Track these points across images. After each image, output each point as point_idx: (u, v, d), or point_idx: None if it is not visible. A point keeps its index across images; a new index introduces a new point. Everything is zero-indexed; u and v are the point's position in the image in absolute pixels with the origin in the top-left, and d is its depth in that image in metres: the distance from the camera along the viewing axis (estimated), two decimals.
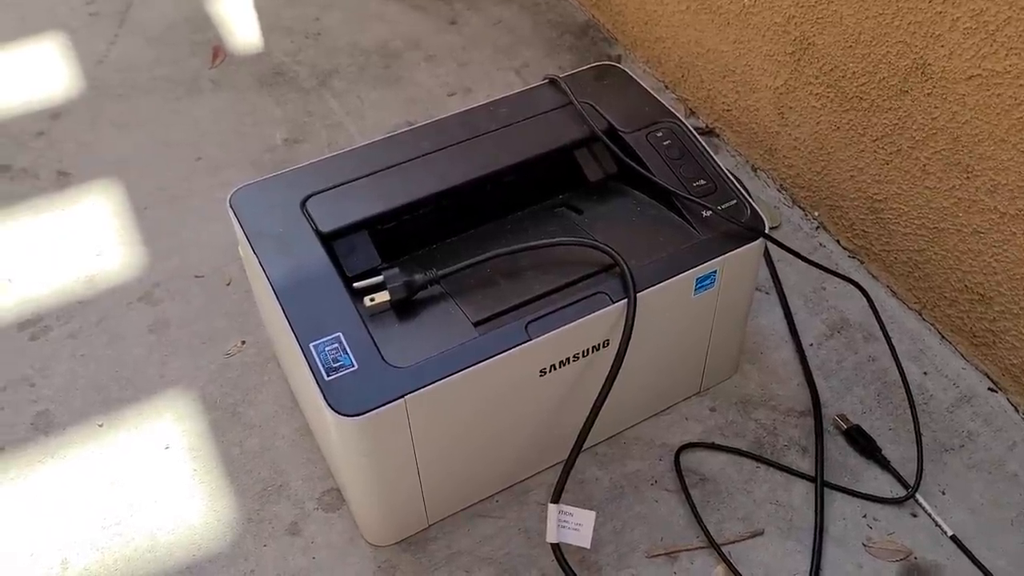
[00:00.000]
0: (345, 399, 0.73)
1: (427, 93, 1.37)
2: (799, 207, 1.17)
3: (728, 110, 1.24)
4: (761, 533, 0.87)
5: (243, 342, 1.04)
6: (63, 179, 1.24)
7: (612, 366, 0.79)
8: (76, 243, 1.16)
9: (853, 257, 1.11)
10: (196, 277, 1.11)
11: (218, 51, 1.45)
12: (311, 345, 0.75)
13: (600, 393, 0.79)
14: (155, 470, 0.93)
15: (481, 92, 1.37)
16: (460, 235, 0.89)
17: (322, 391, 0.73)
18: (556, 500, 0.80)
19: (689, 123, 1.25)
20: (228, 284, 1.10)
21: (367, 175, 0.87)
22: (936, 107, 0.91)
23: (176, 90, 1.38)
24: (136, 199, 1.21)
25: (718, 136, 1.28)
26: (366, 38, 1.47)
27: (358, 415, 0.72)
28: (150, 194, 1.22)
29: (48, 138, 1.31)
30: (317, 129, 1.31)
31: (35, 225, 1.18)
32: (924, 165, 0.95)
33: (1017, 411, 0.95)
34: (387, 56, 1.44)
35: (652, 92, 0.95)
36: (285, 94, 1.37)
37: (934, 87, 0.90)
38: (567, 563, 0.81)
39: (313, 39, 1.47)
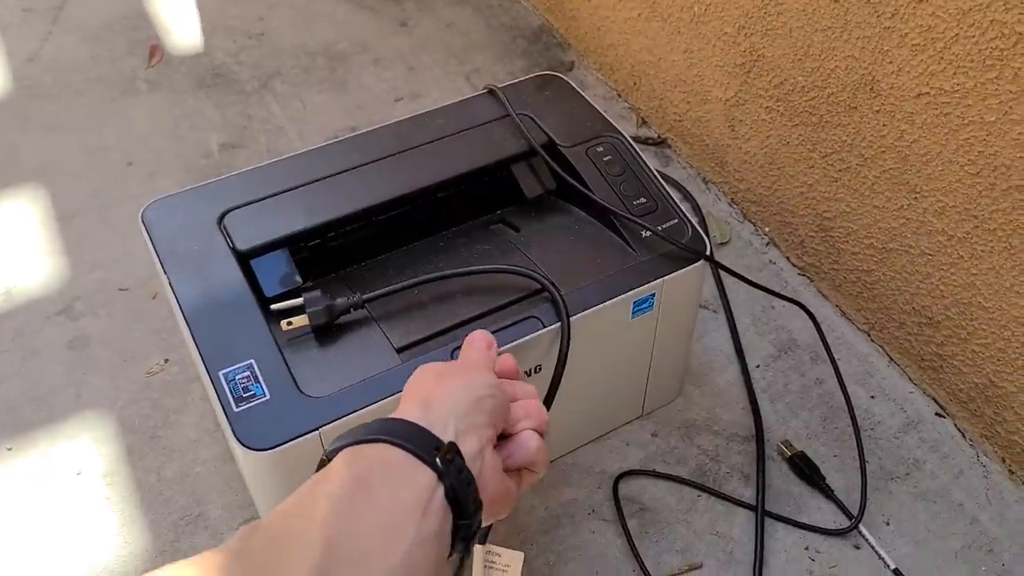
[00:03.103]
0: (254, 431, 0.68)
1: (373, 98, 1.33)
2: (750, 222, 1.14)
3: (680, 120, 1.21)
4: (700, 566, 0.83)
5: (166, 360, 0.99)
6: None
7: (547, 393, 0.75)
8: None
9: (803, 275, 1.08)
10: (120, 290, 1.06)
11: (155, 50, 1.39)
12: (220, 373, 0.70)
13: None
14: (66, 497, 0.88)
15: (429, 97, 1.33)
16: (390, 252, 0.85)
17: (230, 422, 0.68)
18: (483, 541, 0.76)
19: (641, 133, 1.22)
20: (153, 298, 1.05)
21: (291, 188, 0.83)
22: (884, 125, 0.88)
23: (110, 91, 1.32)
24: (61, 206, 1.16)
25: (670, 147, 1.25)
26: (312, 39, 1.42)
27: (268, 449, 0.68)
28: (77, 201, 1.16)
29: None
30: (256, 134, 1.26)
31: None
32: (872, 184, 0.92)
33: (964, 437, 0.93)
34: (333, 58, 1.39)
35: (595, 105, 0.92)
36: (224, 96, 1.32)
37: (883, 104, 0.87)
38: None
39: (256, 39, 1.42)
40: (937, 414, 0.95)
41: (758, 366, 0.99)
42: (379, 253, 0.85)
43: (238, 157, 1.23)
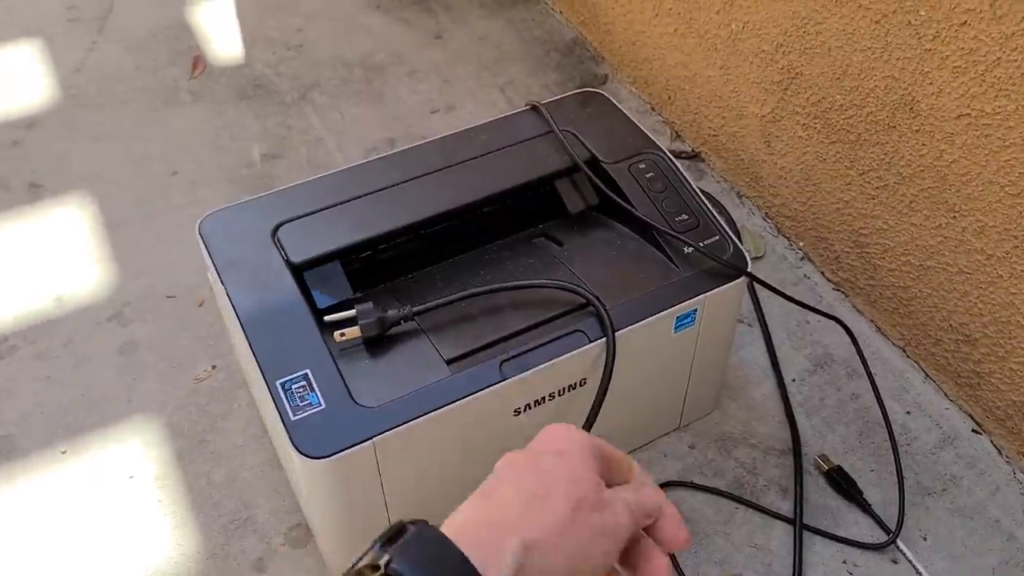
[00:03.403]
0: (311, 440, 0.70)
1: (409, 110, 1.35)
2: (784, 236, 1.16)
3: (714, 135, 1.22)
4: None
5: (213, 367, 1.01)
6: (35, 191, 1.22)
7: (592, 407, 0.77)
8: (46, 259, 1.13)
9: (838, 290, 1.09)
10: (168, 297, 1.08)
11: (198, 61, 1.42)
12: (278, 383, 0.72)
13: None
14: (119, 500, 0.90)
15: (464, 110, 1.35)
16: (436, 265, 0.87)
17: (288, 431, 0.70)
18: None
19: (674, 147, 1.24)
20: (200, 305, 1.07)
21: (341, 203, 0.85)
22: (923, 144, 0.89)
23: (154, 101, 1.35)
24: (109, 214, 1.18)
25: (704, 161, 1.26)
26: (349, 51, 1.45)
27: (325, 457, 0.70)
28: (123, 209, 1.19)
29: (22, 148, 1.28)
30: (296, 144, 1.29)
31: (4, 238, 1.15)
32: (910, 202, 0.94)
33: (1001, 454, 0.94)
34: (370, 70, 1.41)
35: (636, 121, 0.93)
36: (265, 107, 1.34)
37: (922, 124, 0.88)
38: None
39: (295, 51, 1.45)
40: (974, 431, 0.96)
41: (794, 380, 1.00)
42: (425, 266, 0.87)
43: (279, 167, 1.26)
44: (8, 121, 1.31)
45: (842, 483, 0.90)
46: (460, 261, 0.87)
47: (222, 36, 1.47)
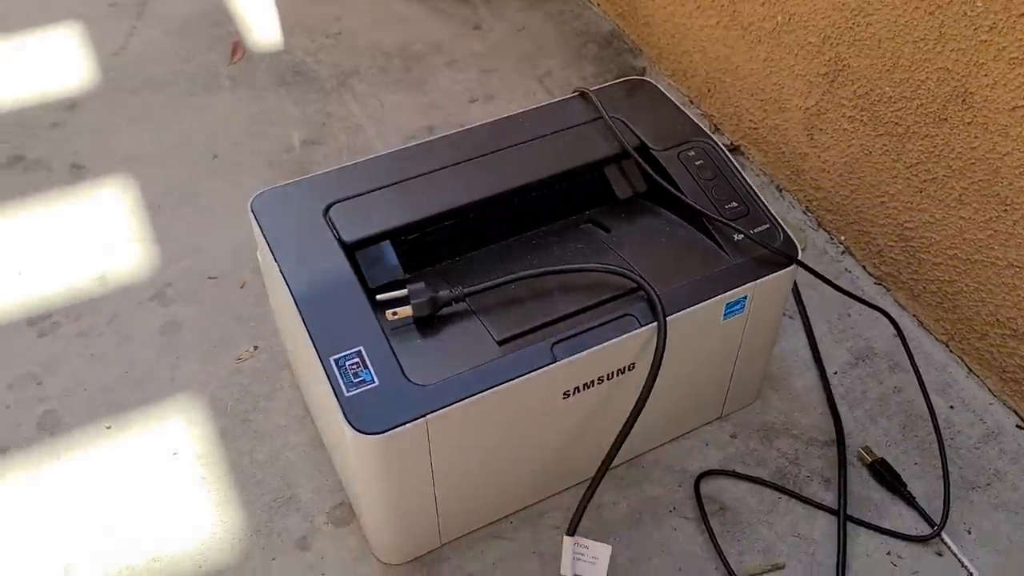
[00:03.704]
0: (365, 416, 0.70)
1: (448, 99, 1.35)
2: (825, 230, 1.15)
3: (755, 128, 1.22)
4: (782, 567, 0.84)
5: (255, 347, 1.02)
6: (77, 172, 1.22)
7: (642, 392, 0.77)
8: (88, 238, 1.14)
9: (879, 284, 1.09)
10: (209, 278, 1.09)
11: (237, 47, 1.43)
12: (331, 359, 0.73)
13: (627, 420, 0.76)
14: (163, 476, 0.91)
15: (503, 100, 1.36)
16: (483, 249, 0.87)
17: (342, 407, 0.71)
18: (572, 532, 0.77)
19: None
20: (242, 287, 1.08)
21: (392, 184, 0.85)
22: (976, 137, 0.89)
23: (193, 86, 1.36)
24: (150, 196, 1.19)
25: (743, 154, 1.26)
26: (388, 39, 1.45)
27: (378, 433, 0.70)
28: (164, 191, 1.20)
29: (63, 130, 1.29)
30: (335, 131, 1.29)
31: (47, 218, 1.16)
32: (960, 195, 0.93)
33: None
34: (408, 59, 1.42)
35: (684, 110, 0.93)
36: (304, 94, 1.35)
37: (975, 116, 0.88)
38: None
39: (334, 39, 1.45)
40: (1018, 426, 0.95)
41: (835, 372, 1.00)
42: (472, 250, 0.87)
43: (318, 153, 1.26)
44: (49, 103, 1.32)
45: (886, 475, 0.89)
46: (507, 246, 0.87)
47: (261, 23, 1.47)
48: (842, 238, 1.13)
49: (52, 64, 1.39)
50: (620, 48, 1.45)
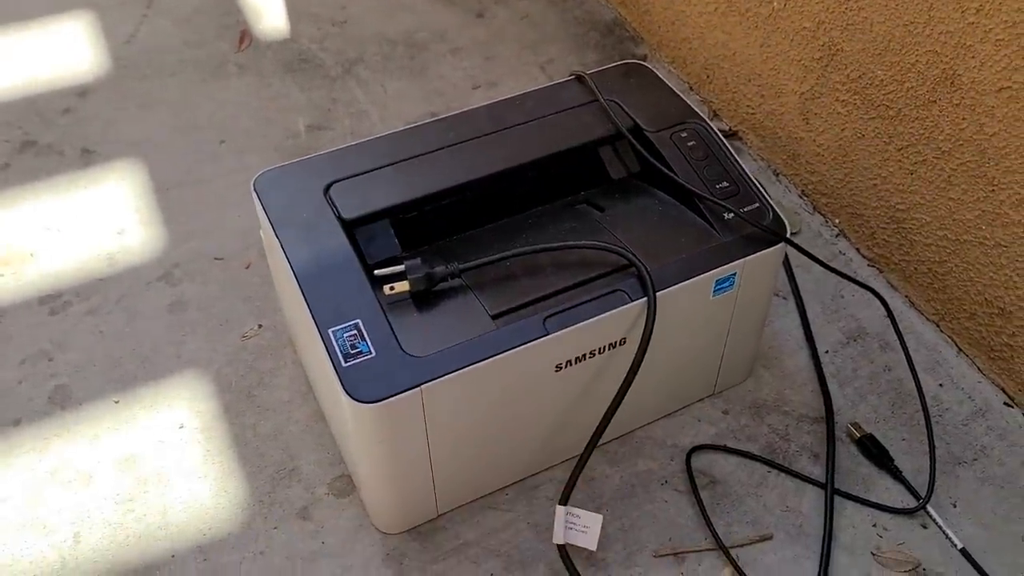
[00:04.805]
0: (362, 386, 0.73)
1: (451, 86, 1.38)
2: (820, 213, 1.17)
3: (752, 113, 1.24)
4: (770, 537, 0.86)
5: (260, 326, 1.04)
6: (87, 156, 1.25)
7: (631, 365, 0.79)
8: (98, 221, 1.16)
9: (872, 266, 1.11)
10: (215, 259, 1.12)
11: (245, 35, 1.45)
12: (330, 331, 0.75)
13: (617, 393, 0.79)
14: (169, 448, 0.94)
15: (505, 87, 1.38)
16: (480, 227, 0.89)
17: (339, 376, 0.73)
18: (564, 502, 0.80)
19: (712, 125, 1.25)
20: (247, 268, 1.11)
21: (391, 164, 0.88)
22: (964, 118, 0.90)
23: (202, 72, 1.39)
24: (159, 179, 1.22)
25: (741, 139, 1.28)
26: (392, 28, 1.47)
27: (374, 402, 0.72)
28: (173, 175, 1.23)
29: (74, 115, 1.32)
30: (340, 117, 1.32)
31: (58, 201, 1.19)
32: (949, 176, 0.95)
33: None
34: (412, 47, 1.44)
35: (678, 92, 0.95)
36: (310, 80, 1.37)
37: (963, 98, 0.90)
38: (572, 565, 0.81)
39: (339, 27, 1.48)
40: (1005, 403, 0.97)
41: (827, 352, 1.02)
42: (469, 228, 0.89)
43: (323, 138, 1.29)
44: (60, 90, 1.35)
45: (873, 450, 0.91)
46: (503, 225, 0.90)
47: (268, 12, 1.50)
48: (836, 221, 1.15)
49: (64, 52, 1.41)
50: (622, 36, 1.47)
